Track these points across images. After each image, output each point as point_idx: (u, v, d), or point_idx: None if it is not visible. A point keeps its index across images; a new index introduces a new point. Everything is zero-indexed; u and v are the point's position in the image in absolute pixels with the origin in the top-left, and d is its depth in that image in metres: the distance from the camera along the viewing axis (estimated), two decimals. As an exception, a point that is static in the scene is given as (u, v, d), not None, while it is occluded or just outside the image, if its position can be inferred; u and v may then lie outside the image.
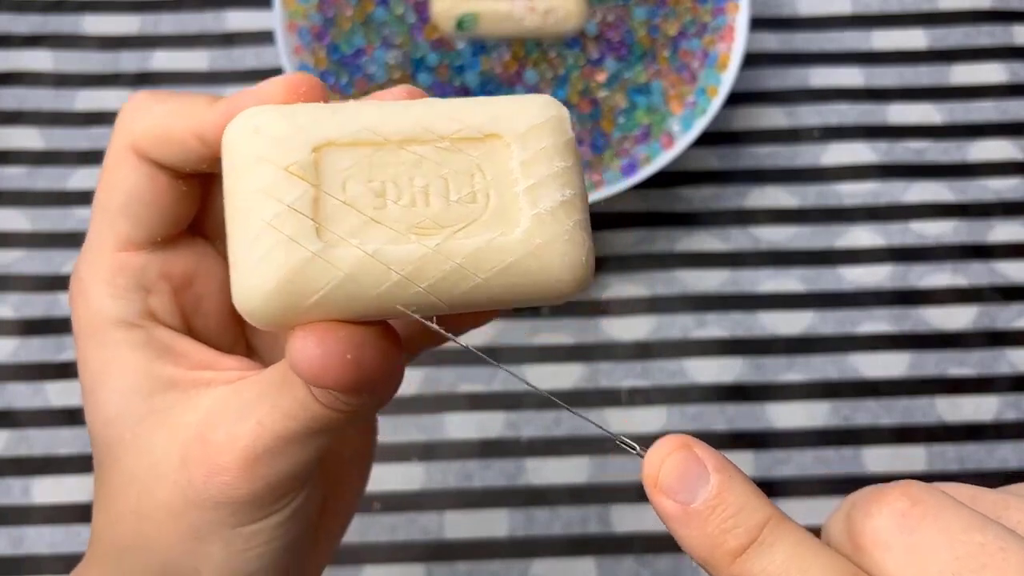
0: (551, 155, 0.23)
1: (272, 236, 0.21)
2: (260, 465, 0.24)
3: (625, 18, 0.55)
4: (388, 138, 0.22)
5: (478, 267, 0.22)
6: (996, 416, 0.54)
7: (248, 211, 0.21)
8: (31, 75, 0.61)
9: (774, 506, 0.21)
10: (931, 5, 0.63)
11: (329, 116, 0.22)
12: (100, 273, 0.26)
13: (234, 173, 0.22)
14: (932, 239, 0.58)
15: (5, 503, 0.52)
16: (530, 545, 0.52)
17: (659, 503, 0.21)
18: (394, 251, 0.21)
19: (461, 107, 0.23)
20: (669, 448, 0.21)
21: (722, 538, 0.20)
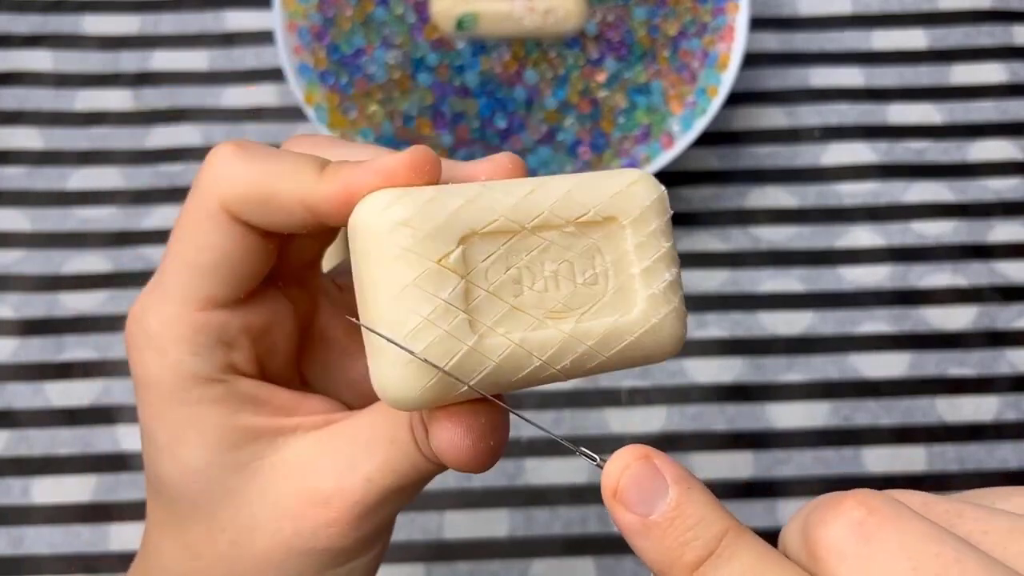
0: (659, 237, 0.25)
1: (431, 332, 0.22)
2: (368, 516, 0.25)
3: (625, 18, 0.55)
4: (522, 224, 0.23)
5: (606, 347, 0.24)
6: (996, 416, 0.54)
7: (401, 305, 0.22)
8: (31, 75, 0.61)
9: (733, 518, 0.21)
10: (931, 5, 0.63)
11: (466, 203, 0.23)
12: (180, 330, 0.26)
13: (379, 264, 0.22)
14: (932, 239, 0.58)
15: (5, 503, 0.52)
16: (530, 545, 0.52)
17: (617, 515, 0.21)
18: (534, 337, 0.23)
19: (576, 188, 0.24)
20: (628, 459, 0.21)
21: (680, 551, 0.20)
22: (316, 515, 0.25)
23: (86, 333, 0.55)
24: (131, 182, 0.59)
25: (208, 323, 0.26)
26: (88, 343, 0.55)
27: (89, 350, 0.55)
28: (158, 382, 0.26)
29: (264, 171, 0.24)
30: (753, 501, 0.53)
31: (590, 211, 0.24)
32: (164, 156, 0.59)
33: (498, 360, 0.23)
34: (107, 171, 0.59)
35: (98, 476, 0.53)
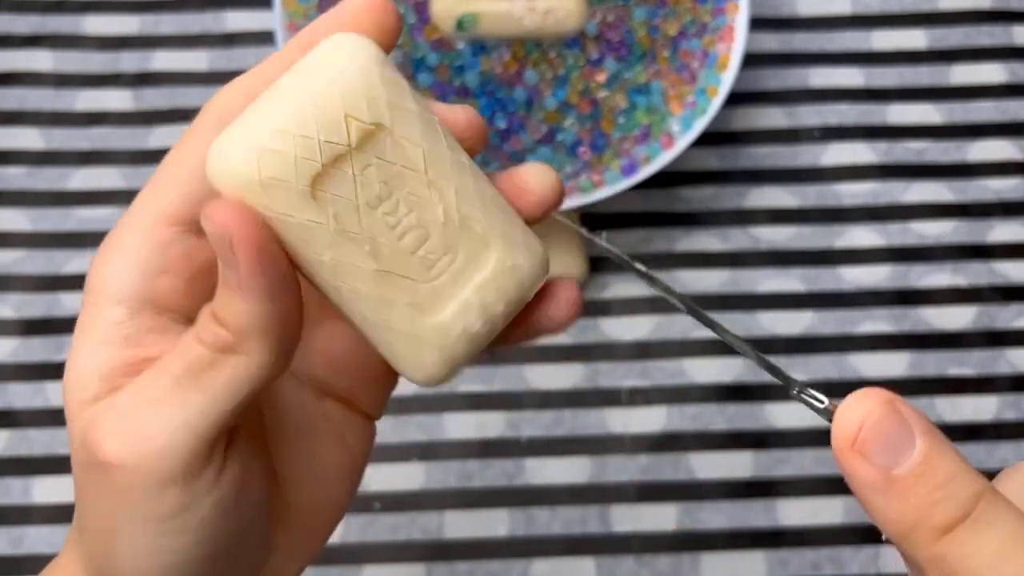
0: (513, 290, 0.24)
1: (285, 130, 0.21)
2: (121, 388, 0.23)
3: (625, 18, 0.55)
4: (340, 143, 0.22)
5: (372, 313, 0.23)
6: (996, 416, 0.54)
7: (287, 94, 0.22)
8: (31, 75, 0.61)
9: (986, 480, 0.19)
10: (931, 5, 0.63)
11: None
12: (127, 240, 0.24)
13: (316, 63, 0.22)
14: (932, 239, 0.58)
15: (5, 503, 0.52)
16: (530, 545, 0.52)
17: (853, 467, 0.19)
18: (338, 243, 0.22)
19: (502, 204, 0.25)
20: (869, 404, 0.19)
21: (929, 511, 0.18)
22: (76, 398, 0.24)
23: (86, 333, 0.55)
24: (131, 182, 0.59)
25: (154, 239, 0.24)
26: (88, 343, 0.55)
27: (89, 350, 0.55)
28: (88, 285, 0.25)
29: (251, 75, 0.24)
30: (753, 501, 0.53)
31: (483, 228, 0.23)
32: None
33: (300, 225, 0.22)
34: (107, 171, 0.59)
35: (98, 476, 0.53)
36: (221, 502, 0.23)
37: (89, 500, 0.24)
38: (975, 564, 0.18)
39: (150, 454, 0.22)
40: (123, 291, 0.24)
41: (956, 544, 0.18)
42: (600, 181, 0.52)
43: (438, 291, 0.23)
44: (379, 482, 0.53)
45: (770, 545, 0.52)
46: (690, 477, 0.53)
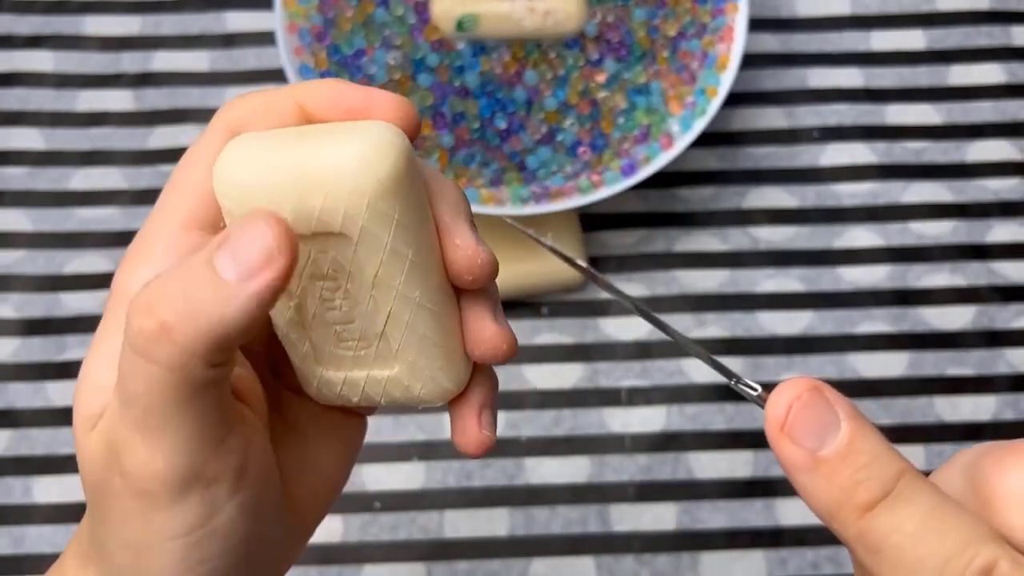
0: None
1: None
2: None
3: (625, 19, 0.55)
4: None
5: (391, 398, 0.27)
6: (994, 416, 0.55)
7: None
8: (32, 76, 0.61)
9: (907, 461, 0.19)
10: (930, 6, 0.63)
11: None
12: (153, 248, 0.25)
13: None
14: (931, 239, 0.58)
15: (6, 502, 0.52)
16: (530, 544, 0.52)
17: (783, 449, 0.20)
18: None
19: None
20: (797, 390, 0.20)
21: (852, 490, 0.19)
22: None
23: (87, 333, 0.56)
24: (132, 183, 0.59)
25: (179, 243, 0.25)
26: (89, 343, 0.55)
27: (90, 350, 0.55)
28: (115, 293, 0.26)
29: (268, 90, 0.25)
30: (752, 500, 0.53)
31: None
32: (165, 157, 0.60)
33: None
34: (108, 172, 0.59)
35: (99, 475, 0.53)
36: (244, 504, 0.23)
37: (113, 523, 0.24)
38: (896, 540, 0.18)
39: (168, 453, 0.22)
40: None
41: (877, 521, 0.19)
42: (600, 181, 0.52)
43: (338, 358, 0.25)
44: (379, 482, 0.53)
45: (769, 544, 0.52)
46: (689, 477, 0.53)
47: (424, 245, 0.23)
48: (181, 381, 0.21)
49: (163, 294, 0.21)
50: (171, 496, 0.22)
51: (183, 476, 0.22)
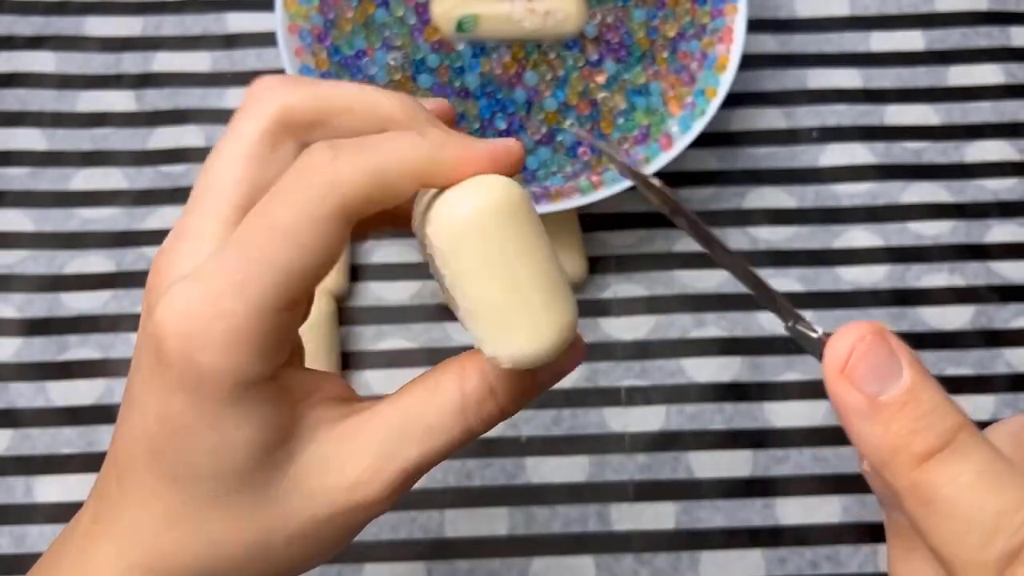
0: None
1: (561, 297, 0.25)
2: (402, 493, 0.26)
3: (624, 20, 0.55)
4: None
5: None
6: (993, 416, 0.55)
7: (528, 279, 0.24)
8: (34, 76, 0.62)
9: (967, 416, 0.19)
10: (929, 7, 0.63)
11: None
12: (250, 333, 0.23)
13: (499, 249, 0.24)
14: (929, 239, 0.58)
15: (7, 502, 0.53)
16: (530, 543, 0.52)
17: (841, 392, 0.20)
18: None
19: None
20: (860, 333, 0.20)
21: (909, 438, 0.19)
22: (353, 501, 0.25)
23: (88, 333, 0.56)
24: (133, 183, 0.59)
25: (280, 325, 0.24)
26: (90, 343, 0.56)
27: (91, 350, 0.55)
28: (213, 382, 0.24)
29: (376, 160, 0.23)
30: (751, 500, 0.53)
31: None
32: (166, 157, 0.60)
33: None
34: (109, 172, 0.59)
35: (100, 475, 0.53)
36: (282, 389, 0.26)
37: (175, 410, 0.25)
38: (949, 493, 0.18)
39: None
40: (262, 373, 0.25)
41: (933, 472, 0.18)
42: (600, 181, 0.52)
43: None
44: (380, 481, 0.53)
45: (769, 544, 0.52)
46: (689, 476, 0.53)
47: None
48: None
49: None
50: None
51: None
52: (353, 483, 0.25)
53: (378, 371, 0.55)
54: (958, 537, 0.18)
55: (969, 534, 0.18)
